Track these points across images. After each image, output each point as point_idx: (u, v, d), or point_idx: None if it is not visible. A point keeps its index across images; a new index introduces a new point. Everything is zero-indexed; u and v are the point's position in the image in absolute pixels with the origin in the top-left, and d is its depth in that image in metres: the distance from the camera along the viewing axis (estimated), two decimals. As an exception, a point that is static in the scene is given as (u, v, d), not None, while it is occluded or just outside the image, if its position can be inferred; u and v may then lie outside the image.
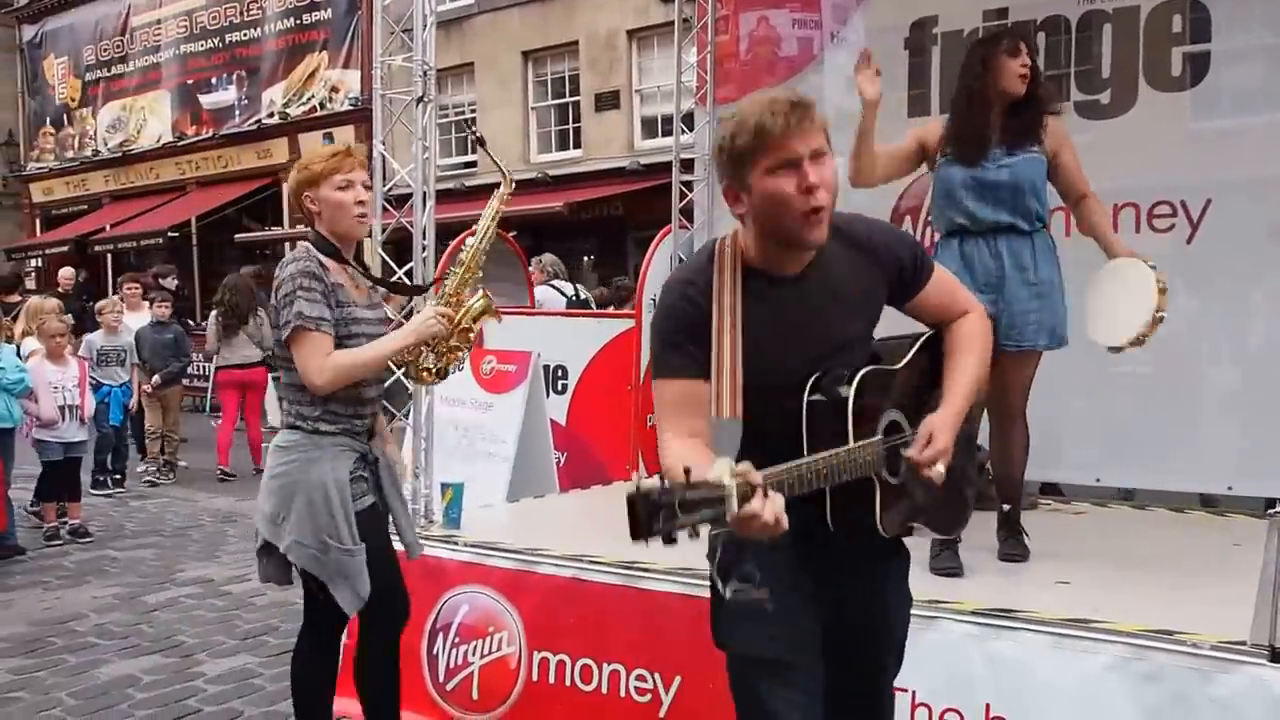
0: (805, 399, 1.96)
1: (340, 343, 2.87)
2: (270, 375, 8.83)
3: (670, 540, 1.54)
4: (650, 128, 15.37)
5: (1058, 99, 3.68)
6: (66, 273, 12.63)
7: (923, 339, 2.22)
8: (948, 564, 3.39)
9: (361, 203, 2.95)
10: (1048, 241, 3.57)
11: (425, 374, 3.21)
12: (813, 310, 2.02)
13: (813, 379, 1.97)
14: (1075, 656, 2.73)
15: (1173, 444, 4.70)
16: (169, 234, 18.75)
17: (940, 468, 1.99)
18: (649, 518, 1.52)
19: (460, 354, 3.22)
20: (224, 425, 9.59)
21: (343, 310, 2.89)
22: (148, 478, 9.06)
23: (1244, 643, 2.58)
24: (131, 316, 9.26)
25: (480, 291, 3.25)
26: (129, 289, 9.95)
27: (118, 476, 8.62)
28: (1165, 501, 4.69)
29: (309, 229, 3.01)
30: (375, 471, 3.02)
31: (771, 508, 1.60)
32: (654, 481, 1.52)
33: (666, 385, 2.00)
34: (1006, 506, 3.66)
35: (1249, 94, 4.53)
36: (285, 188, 18.88)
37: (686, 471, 1.53)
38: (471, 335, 3.24)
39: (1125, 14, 4.71)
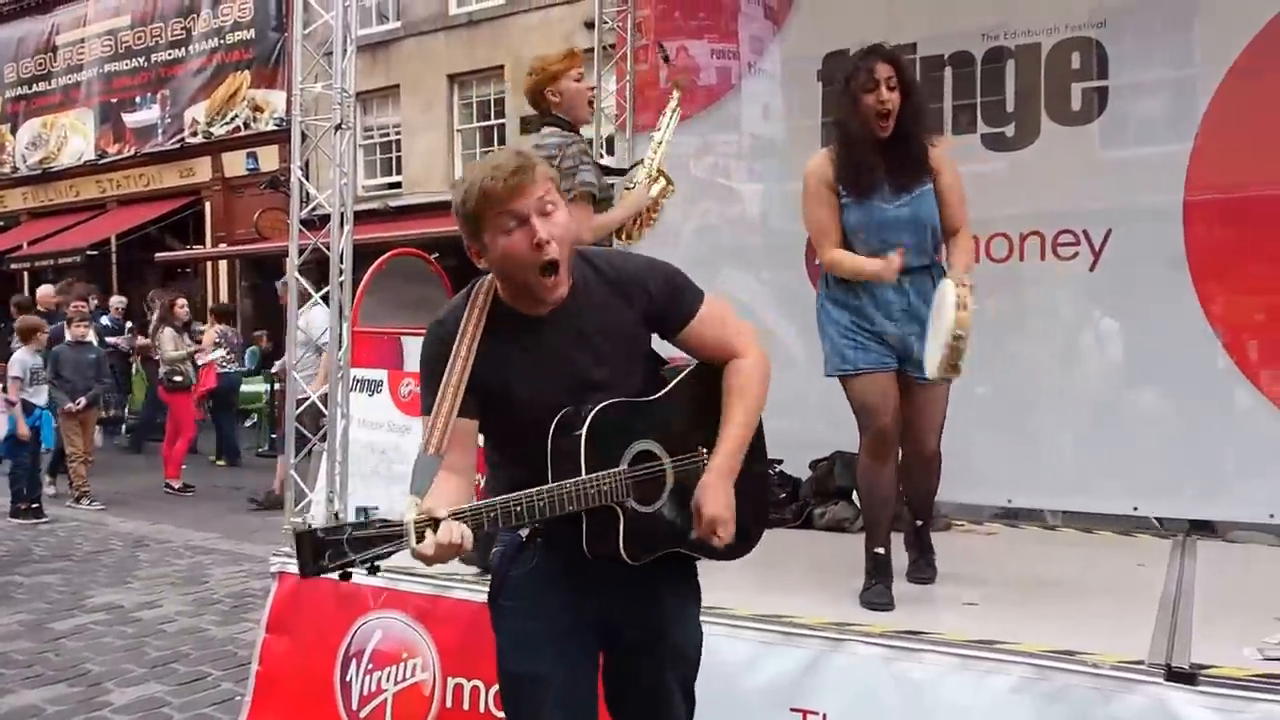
0: (549, 438, 2.02)
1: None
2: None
3: (344, 575, 1.70)
4: (576, 151, 15.42)
5: (938, 128, 3.65)
6: (46, 290, 12.36)
7: (688, 370, 2.25)
8: (877, 599, 3.32)
9: (591, 88, 3.80)
10: (942, 269, 3.50)
11: (626, 238, 3.91)
12: (562, 349, 2.08)
13: (557, 418, 2.02)
14: (981, 677, 2.77)
15: (1081, 466, 4.82)
16: (88, 252, 18.37)
17: (723, 534, 2.07)
18: (314, 555, 1.65)
19: (653, 220, 3.97)
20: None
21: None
22: (98, 504, 8.83)
23: (1142, 662, 2.65)
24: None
25: (661, 178, 3.96)
26: (78, 306, 9.76)
27: (35, 505, 8.34)
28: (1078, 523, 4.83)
29: (547, 116, 3.77)
30: None
31: (447, 540, 1.75)
32: (323, 521, 1.65)
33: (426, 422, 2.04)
34: (919, 522, 3.70)
35: (1147, 127, 4.69)
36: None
37: (363, 511, 1.69)
38: (655, 213, 3.97)
39: (1027, 51, 4.86)
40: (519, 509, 1.87)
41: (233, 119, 18.29)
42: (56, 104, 21.19)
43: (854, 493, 4.67)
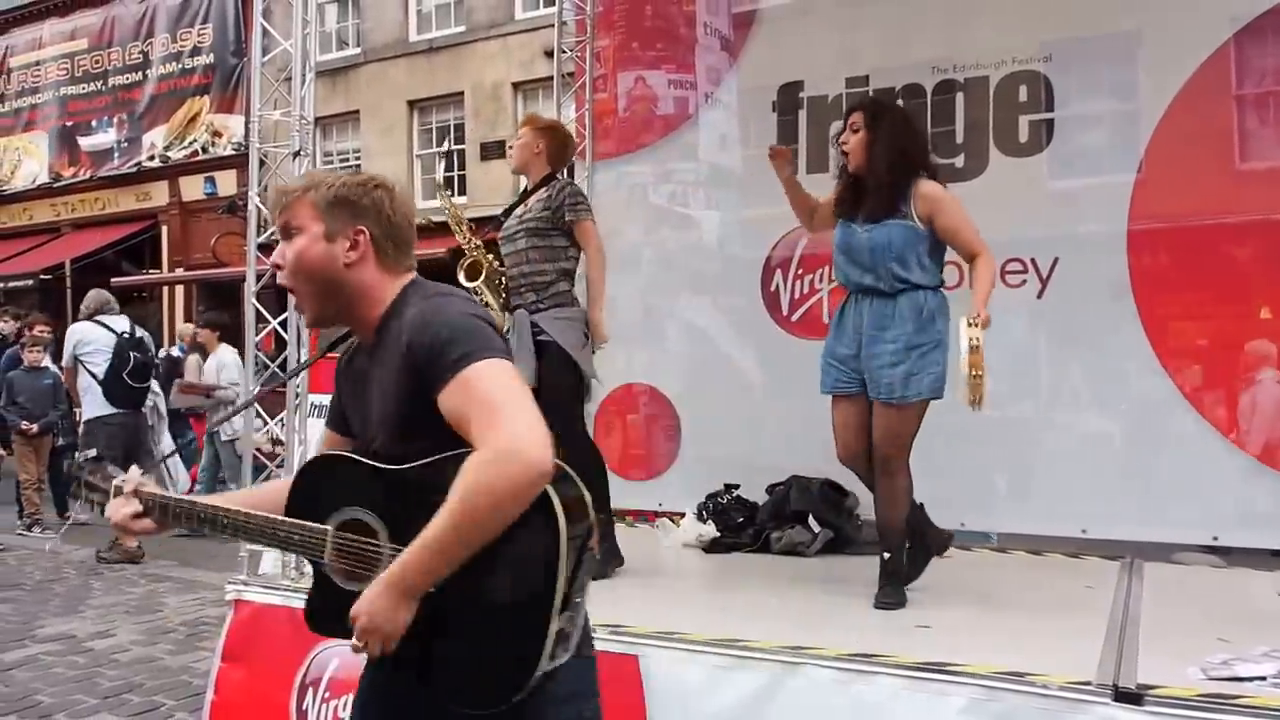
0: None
1: None
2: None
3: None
4: (536, 177, 15.50)
5: (929, 167, 3.82)
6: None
7: (457, 452, 1.70)
8: (888, 599, 3.63)
9: (513, 147, 4.41)
10: (916, 301, 3.64)
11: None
12: (366, 382, 1.96)
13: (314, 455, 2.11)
14: (932, 699, 2.79)
15: (1031, 489, 4.91)
16: (41, 277, 18.11)
17: (374, 647, 1.73)
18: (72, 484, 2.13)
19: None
20: None
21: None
22: (51, 531, 8.62)
23: (1090, 683, 2.68)
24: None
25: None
26: (41, 330, 9.49)
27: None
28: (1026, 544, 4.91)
29: None
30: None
31: (120, 510, 2.00)
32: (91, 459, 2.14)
33: None
34: (887, 554, 3.73)
35: (1092, 159, 4.82)
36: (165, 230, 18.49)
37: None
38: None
39: (976, 84, 5.00)
40: (206, 514, 1.97)
41: (191, 143, 18.18)
42: (10, 127, 20.95)
43: (809, 517, 4.74)
